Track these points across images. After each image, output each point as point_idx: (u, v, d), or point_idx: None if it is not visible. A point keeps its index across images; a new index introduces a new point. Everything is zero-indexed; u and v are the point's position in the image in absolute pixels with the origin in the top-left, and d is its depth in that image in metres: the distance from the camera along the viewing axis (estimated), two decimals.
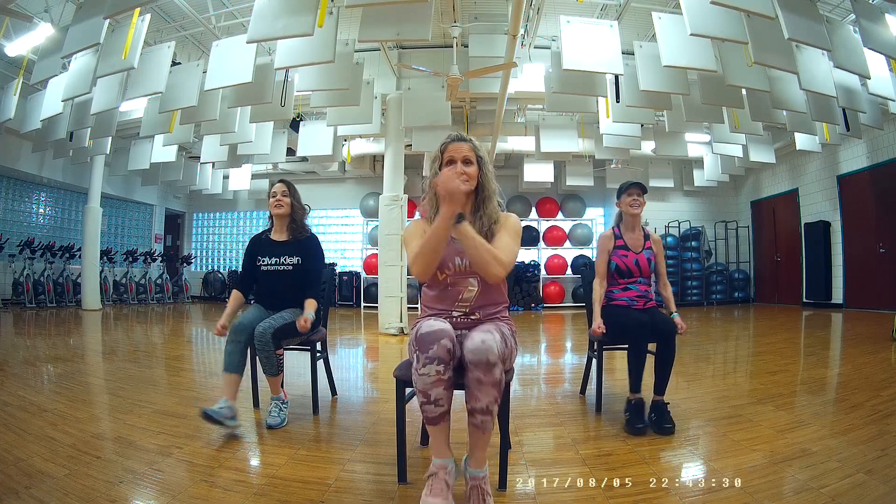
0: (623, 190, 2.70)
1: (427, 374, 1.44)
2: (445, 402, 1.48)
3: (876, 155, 7.76)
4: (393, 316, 6.36)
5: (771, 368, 3.74)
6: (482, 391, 1.44)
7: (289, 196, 2.63)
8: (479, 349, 1.44)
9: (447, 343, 1.45)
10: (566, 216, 11.03)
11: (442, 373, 1.45)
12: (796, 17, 3.97)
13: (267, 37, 4.19)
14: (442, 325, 1.49)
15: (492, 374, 1.43)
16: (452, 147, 1.73)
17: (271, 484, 1.75)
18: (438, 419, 1.49)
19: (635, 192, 2.66)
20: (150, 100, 5.93)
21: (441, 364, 1.44)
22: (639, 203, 2.64)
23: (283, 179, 2.69)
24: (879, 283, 7.72)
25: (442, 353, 1.44)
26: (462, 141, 1.74)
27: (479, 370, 1.43)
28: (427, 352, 1.44)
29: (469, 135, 1.83)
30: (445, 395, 1.47)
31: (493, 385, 1.45)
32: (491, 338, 1.47)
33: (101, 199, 9.16)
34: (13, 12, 4.85)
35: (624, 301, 2.58)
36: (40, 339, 5.32)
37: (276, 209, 2.61)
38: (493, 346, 1.44)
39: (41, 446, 2.04)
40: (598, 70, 4.83)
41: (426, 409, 1.48)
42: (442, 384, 1.46)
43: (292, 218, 2.65)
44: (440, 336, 1.45)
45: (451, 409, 1.52)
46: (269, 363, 2.37)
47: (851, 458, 1.89)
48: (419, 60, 6.35)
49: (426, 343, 1.45)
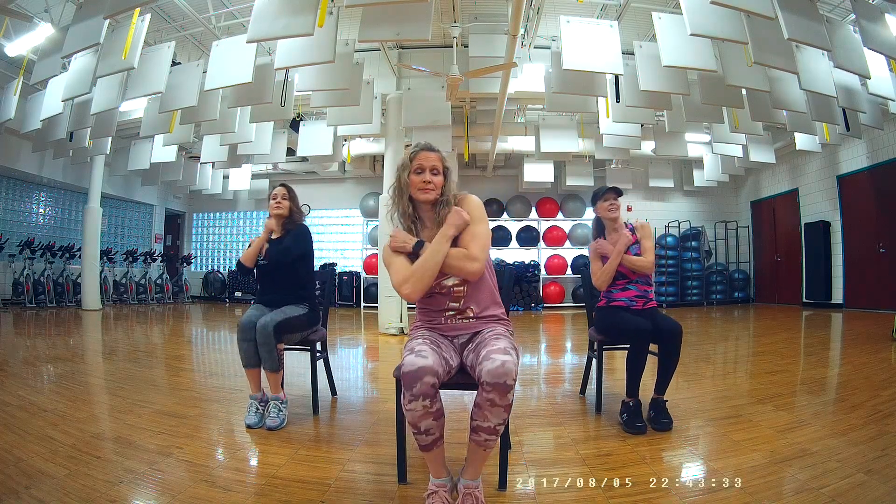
0: (599, 196, 2.72)
1: (414, 409, 1.46)
2: (436, 430, 1.50)
3: (876, 155, 7.76)
4: (393, 316, 6.35)
5: (771, 368, 3.74)
6: (493, 413, 1.45)
7: (288, 199, 2.73)
8: (499, 372, 1.43)
9: (430, 380, 1.45)
10: (566, 216, 11.03)
11: (429, 406, 1.46)
12: (796, 17, 3.96)
13: (267, 37, 4.19)
14: (423, 362, 1.47)
15: (506, 398, 1.44)
16: (422, 155, 1.76)
17: (271, 484, 1.75)
18: (431, 446, 1.51)
19: (611, 196, 2.69)
20: (150, 100, 5.93)
21: (427, 399, 1.45)
22: (616, 206, 2.68)
23: (284, 183, 2.80)
24: (879, 283, 7.72)
25: (426, 390, 1.45)
26: (431, 151, 1.78)
27: (496, 392, 1.43)
28: (411, 389, 1.45)
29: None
30: (435, 424, 1.49)
31: (505, 408, 1.45)
32: (510, 360, 1.46)
33: (101, 199, 9.15)
34: (13, 12, 4.85)
35: (623, 301, 2.58)
36: (40, 339, 5.32)
37: (276, 210, 2.71)
38: (512, 370, 1.44)
39: (41, 446, 2.04)
40: (598, 70, 4.82)
41: (418, 439, 1.50)
42: (430, 416, 1.47)
43: (290, 220, 2.74)
44: (422, 374, 1.45)
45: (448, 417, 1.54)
46: (271, 357, 2.41)
47: (851, 458, 1.89)
48: (419, 60, 6.35)
49: (410, 381, 1.45)
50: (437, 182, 1.75)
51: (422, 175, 1.74)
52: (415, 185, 1.74)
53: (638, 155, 8.84)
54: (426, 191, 1.74)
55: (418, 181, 1.74)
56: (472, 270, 1.65)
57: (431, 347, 1.58)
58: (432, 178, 1.74)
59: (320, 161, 9.14)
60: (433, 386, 1.46)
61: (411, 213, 1.78)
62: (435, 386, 1.47)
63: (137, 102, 6.09)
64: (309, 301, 2.67)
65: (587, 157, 9.59)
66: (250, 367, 2.46)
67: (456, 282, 1.72)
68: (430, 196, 1.74)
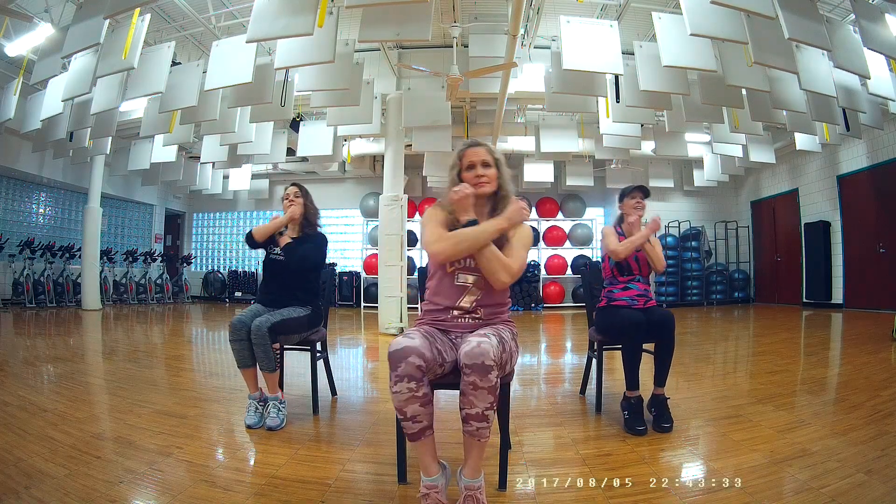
0: (626, 193, 2.72)
1: (399, 391, 1.44)
2: (423, 417, 1.47)
3: (876, 155, 7.76)
4: (393, 316, 6.35)
5: (771, 368, 3.74)
6: (477, 396, 1.43)
7: (301, 197, 2.73)
8: (475, 352, 1.43)
9: (415, 360, 1.44)
10: (566, 216, 11.03)
11: (415, 389, 1.44)
12: (796, 17, 3.97)
13: (267, 37, 4.19)
14: (410, 342, 1.47)
15: (487, 379, 1.42)
16: (470, 152, 1.78)
17: (271, 484, 1.75)
18: (419, 435, 1.48)
19: (638, 194, 2.68)
20: (150, 100, 5.93)
21: (412, 381, 1.43)
22: (642, 206, 2.67)
23: (296, 183, 2.80)
24: (879, 283, 7.72)
25: (411, 370, 1.43)
26: (478, 146, 1.79)
27: (475, 374, 1.42)
28: (396, 369, 1.44)
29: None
30: (422, 411, 1.46)
31: (488, 390, 1.43)
32: (487, 341, 1.46)
33: (101, 199, 9.15)
34: (13, 12, 4.85)
35: (624, 301, 2.58)
36: (40, 339, 5.32)
37: (290, 208, 2.70)
38: (488, 350, 1.43)
39: (41, 446, 2.04)
40: (598, 70, 4.83)
41: (405, 426, 1.48)
42: (417, 401, 1.45)
43: (306, 219, 2.74)
44: (408, 353, 1.44)
45: (439, 421, 1.53)
46: (266, 357, 2.39)
47: (851, 458, 1.89)
48: (419, 60, 6.35)
49: (394, 361, 1.44)
50: (490, 175, 1.76)
51: (473, 170, 1.75)
52: (469, 182, 1.74)
53: (638, 155, 8.83)
54: (481, 185, 1.74)
55: (471, 177, 1.74)
56: (502, 281, 1.65)
57: (423, 335, 1.57)
58: (485, 172, 1.75)
59: (320, 161, 9.14)
60: (419, 368, 1.44)
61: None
62: (421, 368, 1.45)
63: (137, 102, 6.09)
64: (312, 304, 2.66)
65: (587, 157, 9.59)
66: (244, 367, 2.44)
67: (476, 293, 1.71)
68: (486, 189, 1.75)
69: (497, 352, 1.46)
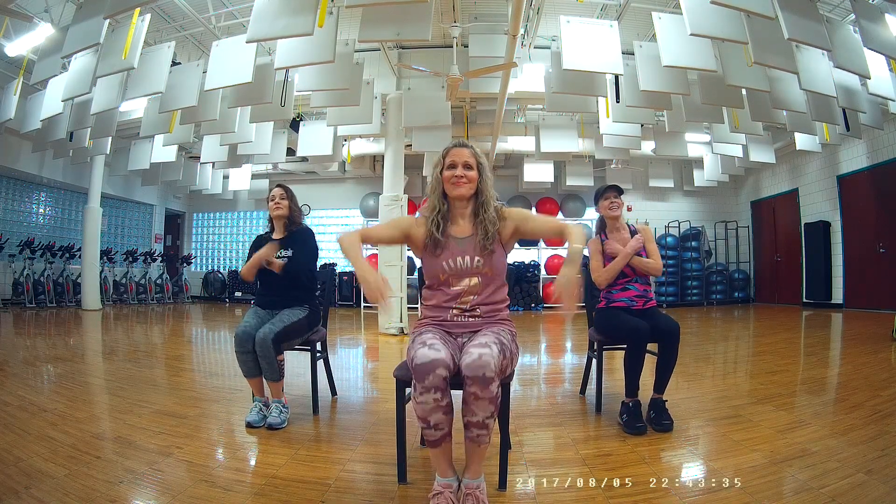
0: (600, 195, 2.74)
1: (425, 402, 1.46)
2: (445, 425, 1.50)
3: (876, 155, 7.76)
4: (393, 316, 6.35)
5: (771, 368, 3.74)
6: (478, 406, 1.46)
7: (286, 199, 2.73)
8: (476, 365, 1.44)
9: (442, 372, 1.46)
10: (566, 216, 11.01)
11: (440, 399, 1.46)
12: (796, 17, 3.97)
13: (267, 37, 4.19)
14: (436, 355, 1.48)
15: (488, 390, 1.44)
16: (454, 151, 1.78)
17: (271, 484, 1.75)
18: (440, 441, 1.51)
19: (611, 195, 2.69)
20: (150, 100, 5.93)
21: (438, 392, 1.46)
22: (617, 205, 2.68)
23: (281, 184, 2.81)
24: (879, 283, 7.72)
25: (438, 382, 1.45)
26: (464, 147, 1.79)
27: (476, 386, 1.44)
28: (423, 381, 1.46)
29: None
30: (445, 419, 1.49)
31: (489, 400, 1.45)
32: (488, 352, 1.47)
33: (101, 199, 9.15)
34: (13, 12, 4.85)
35: (623, 302, 2.58)
36: (40, 339, 5.32)
37: (276, 211, 2.72)
38: (489, 362, 1.45)
39: (41, 446, 2.04)
40: (598, 70, 4.83)
41: (427, 434, 1.50)
42: (440, 410, 1.47)
43: (290, 219, 2.75)
44: (435, 366, 1.45)
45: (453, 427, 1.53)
46: (271, 369, 2.40)
47: (851, 458, 1.88)
48: (419, 60, 6.35)
49: (422, 373, 1.46)
50: (470, 176, 1.76)
51: (454, 170, 1.75)
52: (447, 181, 1.75)
53: (638, 155, 8.84)
54: (458, 184, 1.74)
55: (450, 175, 1.75)
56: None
57: (443, 341, 1.58)
58: (465, 173, 1.75)
59: (320, 161, 9.14)
60: (445, 379, 1.47)
61: (444, 211, 1.79)
62: (446, 379, 1.48)
63: (137, 102, 6.10)
64: (309, 302, 2.66)
65: (587, 157, 9.59)
66: (251, 377, 2.45)
67: (473, 293, 1.73)
68: (462, 190, 1.75)
69: (498, 361, 1.48)
